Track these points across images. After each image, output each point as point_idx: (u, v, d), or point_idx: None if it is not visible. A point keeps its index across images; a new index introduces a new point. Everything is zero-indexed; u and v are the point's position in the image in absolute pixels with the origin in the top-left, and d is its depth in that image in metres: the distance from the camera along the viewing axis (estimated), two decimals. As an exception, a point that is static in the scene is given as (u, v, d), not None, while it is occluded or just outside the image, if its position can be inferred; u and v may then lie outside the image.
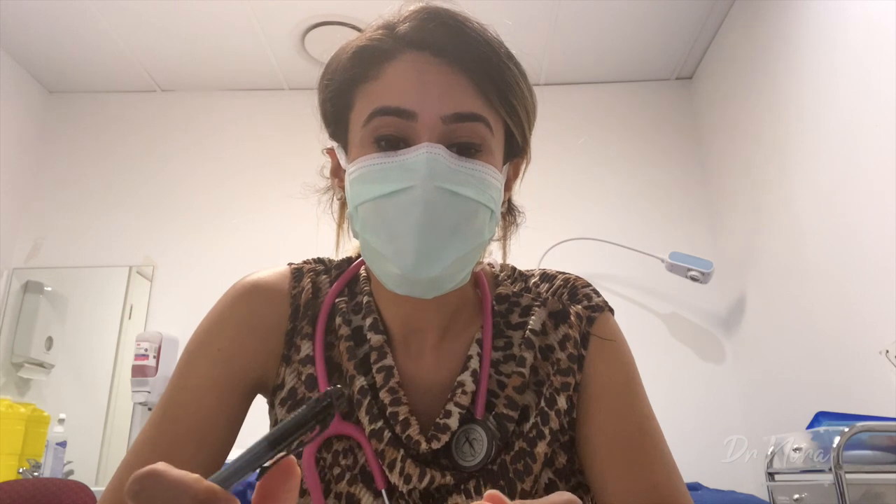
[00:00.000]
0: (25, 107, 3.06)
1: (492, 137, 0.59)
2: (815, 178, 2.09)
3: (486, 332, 0.66)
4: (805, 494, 1.62)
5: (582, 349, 0.65)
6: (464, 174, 0.56)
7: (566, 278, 0.71)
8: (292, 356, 0.66)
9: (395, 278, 0.58)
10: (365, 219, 0.58)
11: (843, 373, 1.93)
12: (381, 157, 0.57)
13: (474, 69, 0.58)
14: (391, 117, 0.57)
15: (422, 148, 0.55)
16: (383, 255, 0.57)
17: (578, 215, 2.87)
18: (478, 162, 0.58)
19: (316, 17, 2.71)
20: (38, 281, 2.95)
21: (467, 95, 0.58)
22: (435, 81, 0.57)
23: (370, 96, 0.59)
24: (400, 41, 0.59)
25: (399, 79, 0.58)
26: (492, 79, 0.59)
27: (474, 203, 0.57)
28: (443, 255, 0.56)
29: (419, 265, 0.56)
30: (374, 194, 0.57)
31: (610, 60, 3.02)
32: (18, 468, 2.40)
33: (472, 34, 0.59)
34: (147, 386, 2.59)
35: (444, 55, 0.58)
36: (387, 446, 0.60)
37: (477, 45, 0.58)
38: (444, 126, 0.56)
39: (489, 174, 0.58)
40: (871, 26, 1.79)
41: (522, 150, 0.67)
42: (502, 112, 0.60)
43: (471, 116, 0.57)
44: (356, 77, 0.60)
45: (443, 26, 0.58)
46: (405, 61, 0.58)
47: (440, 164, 0.55)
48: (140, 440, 0.62)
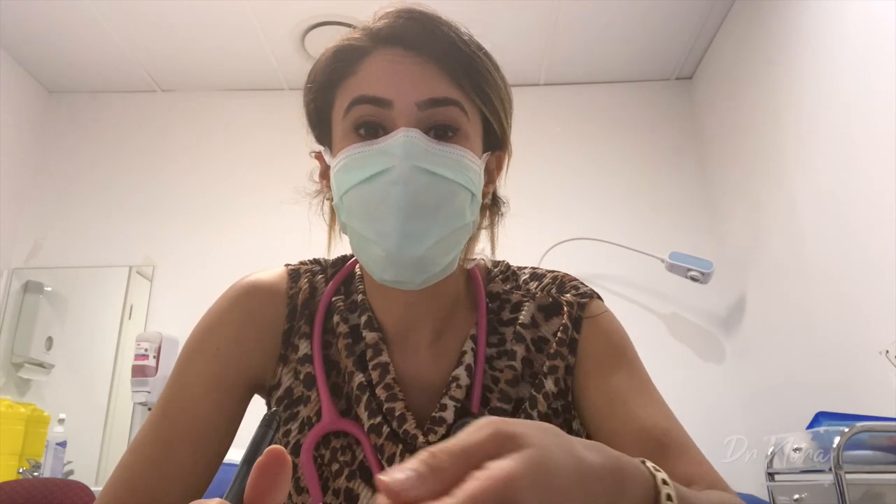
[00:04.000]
0: (25, 107, 3.06)
1: (467, 122, 0.61)
2: (815, 178, 2.09)
3: (480, 328, 0.67)
4: (805, 494, 1.62)
5: (575, 333, 0.67)
6: (440, 156, 0.58)
7: (554, 275, 0.73)
8: (290, 356, 0.67)
9: (381, 261, 0.59)
10: (349, 206, 0.60)
11: (843, 373, 1.93)
12: (361, 145, 0.59)
13: (445, 59, 0.61)
14: (368, 105, 0.59)
15: (398, 133, 0.58)
16: (368, 238, 0.59)
17: (578, 215, 2.87)
18: (454, 145, 0.60)
19: (316, 17, 2.71)
20: (38, 281, 2.95)
21: (440, 82, 0.60)
22: (408, 71, 0.60)
23: (348, 90, 0.62)
24: (374, 38, 0.62)
25: (374, 71, 0.60)
26: (464, 67, 0.61)
27: (453, 184, 0.59)
28: (425, 235, 0.58)
29: (402, 245, 0.57)
30: (356, 180, 0.58)
31: (610, 60, 3.02)
32: (18, 468, 2.40)
33: (443, 28, 0.61)
34: (147, 386, 2.59)
35: (416, 48, 0.60)
36: (385, 441, 0.61)
37: (447, 38, 0.61)
38: (420, 112, 0.59)
39: (466, 157, 0.60)
40: (871, 26, 1.79)
41: (502, 141, 0.68)
42: (477, 100, 0.62)
43: (445, 101, 0.59)
44: (336, 76, 0.63)
45: (414, 22, 0.61)
46: (380, 55, 0.61)
47: (417, 145, 0.57)
48: (138, 439, 0.63)
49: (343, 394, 0.65)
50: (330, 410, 0.63)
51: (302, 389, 0.65)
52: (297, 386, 0.65)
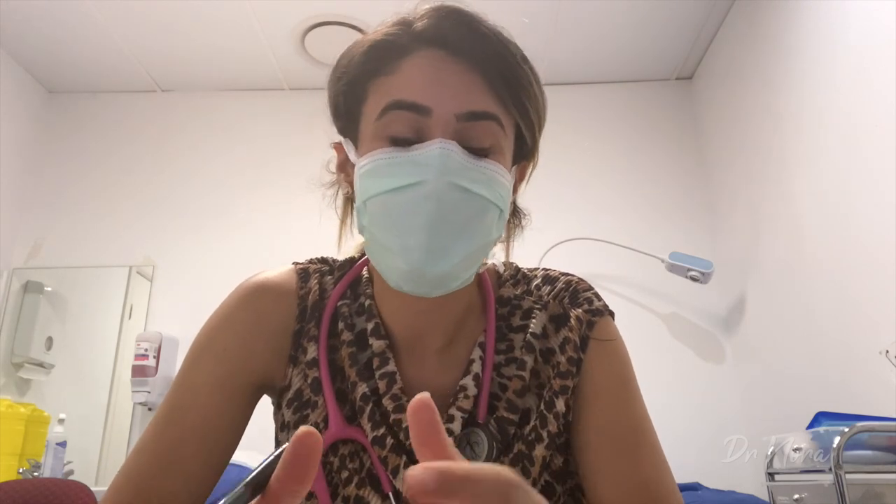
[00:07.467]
0: (25, 107, 3.06)
1: (504, 137, 0.59)
2: (815, 178, 2.09)
3: (489, 335, 0.66)
4: (805, 494, 1.62)
5: (581, 353, 0.65)
6: (476, 172, 0.56)
7: (568, 281, 0.71)
8: (300, 357, 0.66)
9: (403, 274, 0.57)
10: (374, 213, 0.58)
11: (843, 373, 1.93)
12: (392, 151, 0.57)
13: (489, 69, 0.58)
14: (406, 112, 0.57)
15: (435, 143, 0.55)
16: (392, 250, 0.57)
17: (578, 215, 2.87)
18: (490, 161, 0.58)
19: (316, 17, 2.71)
20: (38, 281, 2.95)
21: (481, 94, 0.58)
22: (450, 79, 0.57)
23: (385, 90, 0.59)
24: (416, 38, 0.59)
25: (415, 74, 0.58)
26: (506, 79, 0.59)
27: (485, 201, 0.57)
28: (452, 252, 0.56)
29: (428, 261, 0.55)
30: (384, 188, 0.56)
31: (610, 60, 3.02)
32: (18, 468, 2.40)
33: (488, 34, 0.59)
34: (147, 386, 2.59)
35: (459, 53, 0.58)
36: (389, 453, 0.60)
37: (492, 45, 0.59)
38: (458, 124, 0.57)
39: (500, 173, 0.58)
40: (871, 26, 1.79)
41: (531, 152, 0.67)
42: (515, 113, 0.60)
43: (484, 115, 0.57)
44: (371, 71, 0.60)
45: (459, 25, 0.59)
46: (421, 57, 0.58)
47: (453, 160, 0.55)
48: (144, 439, 0.62)
49: (348, 400, 0.64)
50: (337, 418, 0.62)
51: (310, 394, 0.64)
52: (305, 389, 0.65)
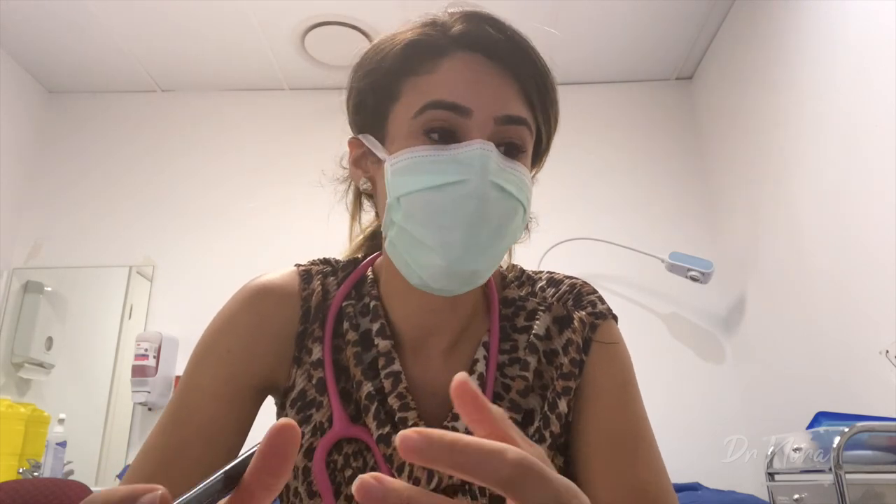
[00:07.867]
0: (25, 107, 3.06)
1: (530, 140, 0.62)
2: (815, 178, 2.09)
3: (493, 335, 0.66)
4: (805, 494, 1.62)
5: (583, 354, 0.66)
6: (509, 173, 0.59)
7: (572, 283, 0.72)
8: (303, 358, 0.66)
9: (437, 270, 0.58)
10: (410, 209, 0.58)
11: (843, 373, 1.93)
12: (432, 148, 0.58)
13: (522, 75, 0.60)
14: (446, 111, 0.58)
15: (475, 143, 0.57)
16: (428, 245, 0.58)
17: (578, 215, 2.87)
18: (519, 163, 0.60)
19: (316, 17, 2.71)
20: (38, 281, 2.95)
21: (517, 98, 0.60)
22: (489, 82, 0.59)
23: (422, 89, 0.59)
24: (454, 40, 0.61)
25: (455, 75, 0.59)
26: (537, 86, 0.61)
27: (516, 202, 0.59)
28: (487, 249, 0.58)
29: (465, 257, 0.57)
30: (423, 185, 0.57)
31: (610, 60, 3.02)
32: (18, 468, 2.40)
33: (521, 42, 0.61)
34: (147, 386, 2.60)
35: (496, 58, 0.60)
36: (395, 450, 0.60)
37: (525, 53, 0.61)
38: (495, 126, 0.58)
39: (527, 176, 0.61)
40: (871, 26, 1.79)
41: (542, 157, 0.69)
42: (540, 119, 0.63)
43: (519, 120, 0.60)
44: (406, 69, 0.61)
45: (496, 30, 0.60)
46: (460, 59, 0.60)
47: (492, 161, 0.57)
48: (149, 442, 0.62)
49: (353, 399, 0.64)
50: (341, 417, 0.62)
51: (314, 394, 0.65)
52: (310, 389, 0.65)
